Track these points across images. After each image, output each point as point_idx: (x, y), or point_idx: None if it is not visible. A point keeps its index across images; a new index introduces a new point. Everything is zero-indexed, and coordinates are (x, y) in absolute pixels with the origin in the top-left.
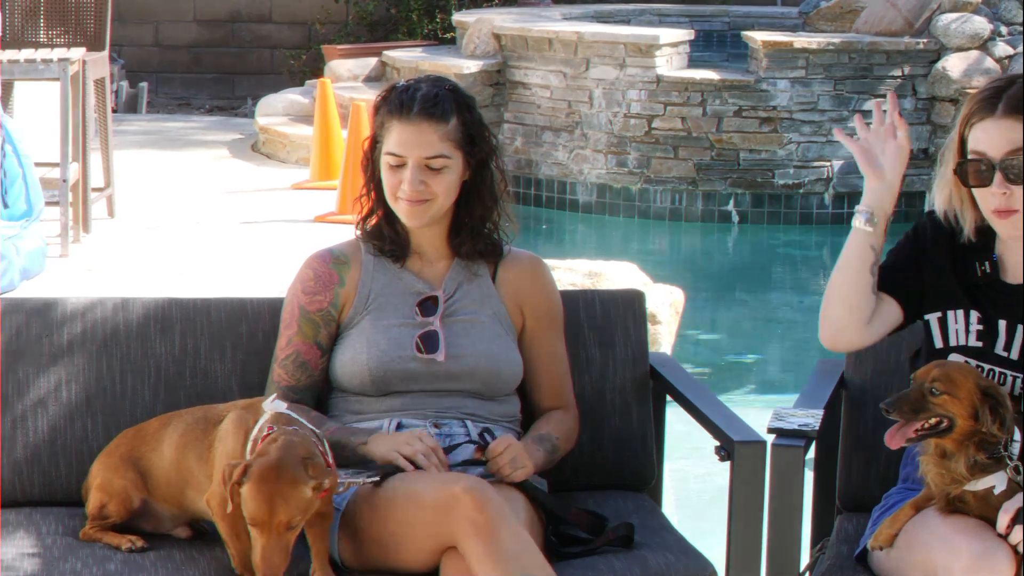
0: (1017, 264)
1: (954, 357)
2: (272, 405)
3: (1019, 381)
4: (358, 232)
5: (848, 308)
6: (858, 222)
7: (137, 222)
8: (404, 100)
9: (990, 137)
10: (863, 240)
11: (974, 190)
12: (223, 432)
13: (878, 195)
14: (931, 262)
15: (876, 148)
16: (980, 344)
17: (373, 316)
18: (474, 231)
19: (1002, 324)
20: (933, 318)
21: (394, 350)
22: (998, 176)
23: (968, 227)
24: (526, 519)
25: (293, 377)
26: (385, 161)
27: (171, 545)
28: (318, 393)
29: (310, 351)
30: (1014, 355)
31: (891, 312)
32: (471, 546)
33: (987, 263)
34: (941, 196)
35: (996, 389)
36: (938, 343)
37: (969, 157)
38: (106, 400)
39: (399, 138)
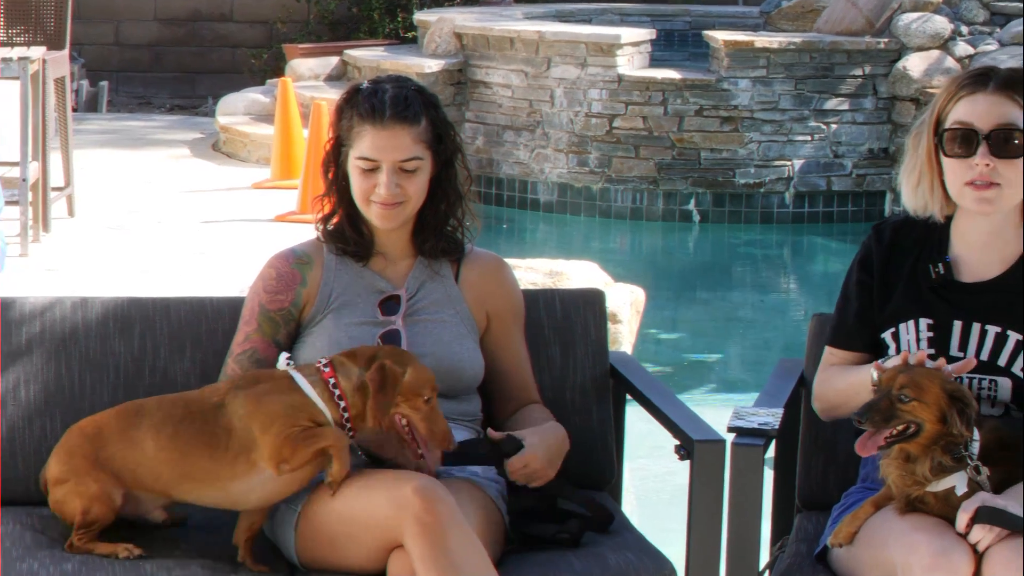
0: (972, 263)
1: None
2: (288, 364)
3: (976, 382)
4: (318, 233)
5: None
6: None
7: (97, 221)
8: (375, 104)
9: (979, 109)
10: None
11: (948, 162)
12: (250, 411)
13: None
14: (881, 288)
15: None
16: (932, 350)
17: (335, 315)
18: (437, 229)
19: (957, 325)
20: (888, 335)
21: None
22: (983, 147)
23: (937, 212)
24: (481, 518)
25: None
26: (356, 166)
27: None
28: None
29: (267, 349)
30: (970, 354)
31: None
32: (417, 547)
33: (940, 265)
34: (909, 182)
35: (962, 391)
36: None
37: (951, 126)
38: (64, 400)
39: (374, 143)
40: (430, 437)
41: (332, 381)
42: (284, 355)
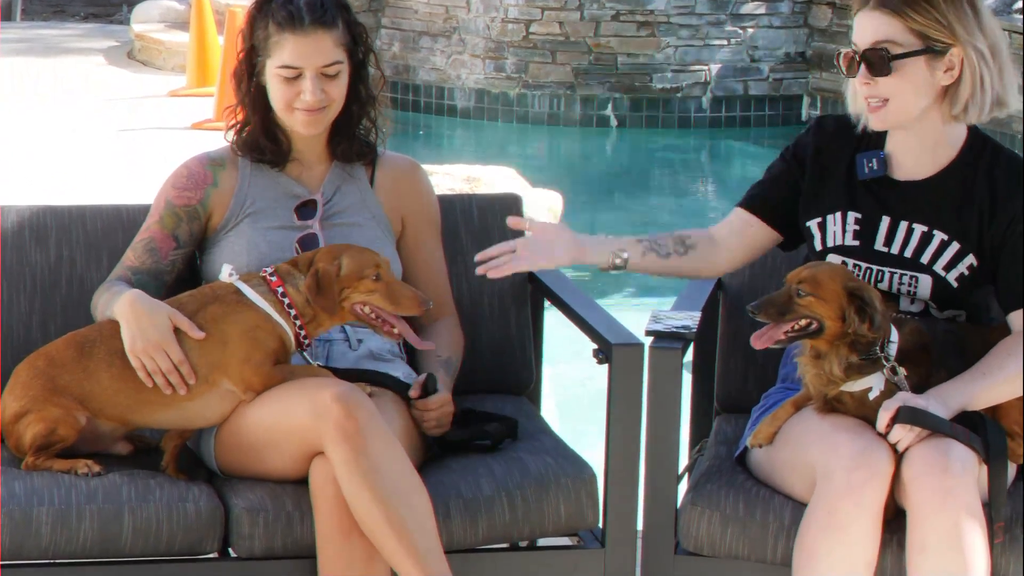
0: (906, 162)
1: (832, 258)
2: (231, 275)
3: (897, 277)
4: (231, 142)
5: (688, 274)
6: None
7: (12, 130)
8: (292, 12)
9: (861, 28)
10: (633, 271)
11: (849, 81)
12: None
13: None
14: (814, 177)
15: (546, 241)
16: (857, 243)
17: (251, 219)
18: (351, 131)
19: (885, 220)
20: (814, 224)
21: (274, 252)
22: (863, 67)
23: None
24: (402, 425)
25: (139, 259)
26: (278, 75)
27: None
28: (160, 286)
29: (165, 240)
30: (895, 250)
31: (760, 235)
32: (337, 453)
33: (874, 160)
34: (848, 90)
35: (864, 290)
36: (818, 246)
37: (846, 48)
38: None
39: (297, 50)
40: (399, 309)
41: (281, 290)
42: (227, 267)
